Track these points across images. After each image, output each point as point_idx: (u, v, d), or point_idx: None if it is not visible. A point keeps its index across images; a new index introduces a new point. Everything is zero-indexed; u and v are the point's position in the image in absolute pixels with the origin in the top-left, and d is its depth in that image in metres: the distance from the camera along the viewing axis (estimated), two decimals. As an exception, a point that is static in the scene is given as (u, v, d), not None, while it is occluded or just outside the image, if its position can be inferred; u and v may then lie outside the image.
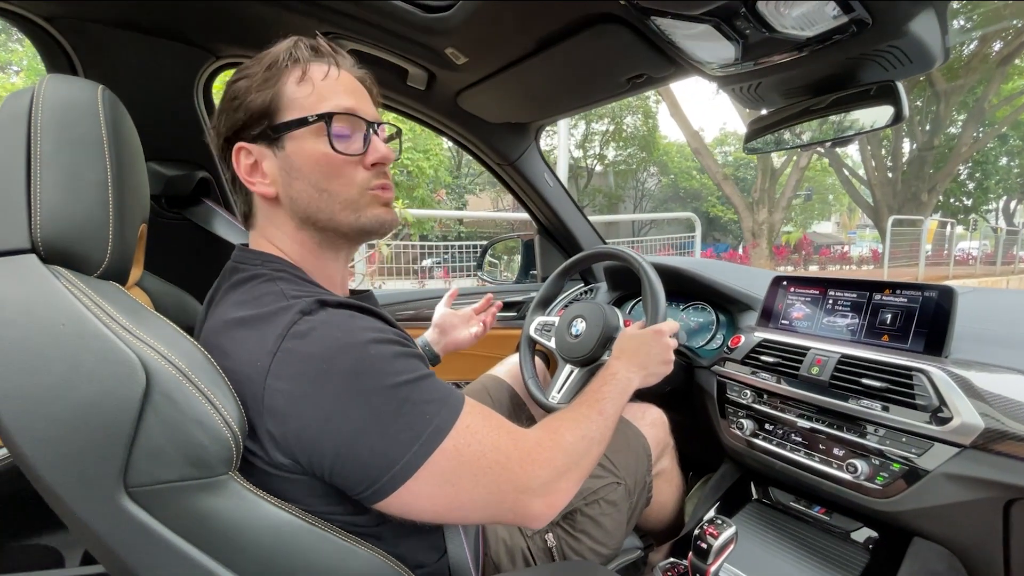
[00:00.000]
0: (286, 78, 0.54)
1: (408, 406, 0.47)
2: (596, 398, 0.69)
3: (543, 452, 0.54)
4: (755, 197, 11.44)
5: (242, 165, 0.56)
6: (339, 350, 0.46)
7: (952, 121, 11.93)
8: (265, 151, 0.55)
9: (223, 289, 0.56)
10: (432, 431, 0.47)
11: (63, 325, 0.41)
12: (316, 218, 0.57)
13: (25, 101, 0.48)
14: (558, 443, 0.57)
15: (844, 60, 0.80)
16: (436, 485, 0.47)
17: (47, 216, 0.46)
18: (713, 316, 1.21)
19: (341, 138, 0.55)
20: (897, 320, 0.86)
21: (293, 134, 0.55)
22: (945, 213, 14.18)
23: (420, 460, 0.46)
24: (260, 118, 0.54)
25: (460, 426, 0.49)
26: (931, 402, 0.74)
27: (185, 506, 0.42)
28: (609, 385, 0.72)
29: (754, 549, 0.89)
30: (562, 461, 0.56)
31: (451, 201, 13.17)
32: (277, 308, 0.49)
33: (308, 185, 0.55)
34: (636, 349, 0.80)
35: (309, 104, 0.54)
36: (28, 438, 0.40)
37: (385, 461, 0.45)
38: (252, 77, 0.54)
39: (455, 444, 0.48)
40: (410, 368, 0.49)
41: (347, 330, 0.48)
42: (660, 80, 1.03)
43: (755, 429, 0.97)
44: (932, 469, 0.73)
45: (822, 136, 0.93)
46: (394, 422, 0.46)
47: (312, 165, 0.55)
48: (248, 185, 0.56)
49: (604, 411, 0.67)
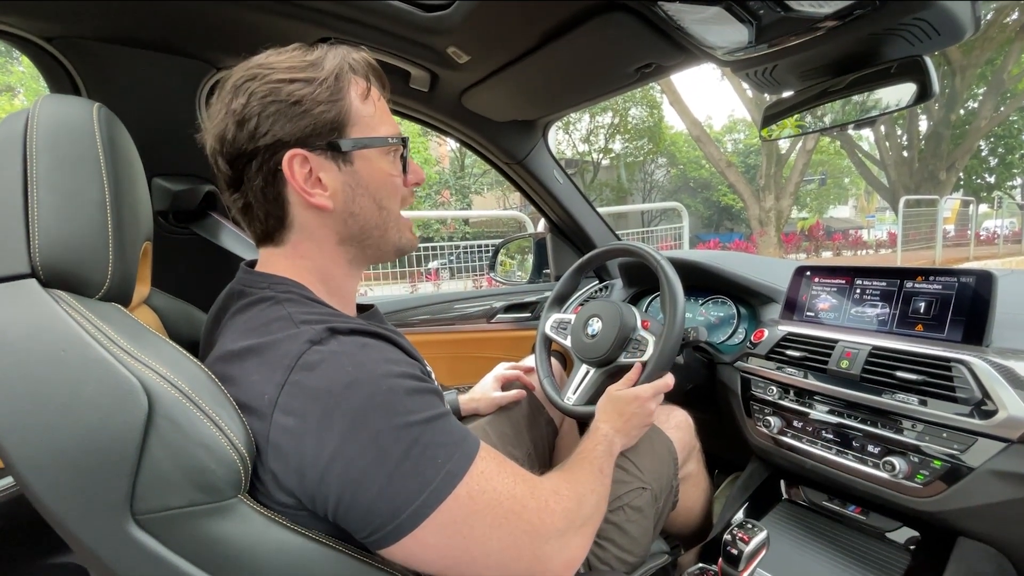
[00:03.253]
0: (351, 91, 0.54)
1: (418, 449, 0.44)
2: (592, 456, 0.69)
3: (561, 501, 0.53)
4: (761, 184, 11.24)
5: (297, 174, 0.52)
6: (348, 385, 0.44)
7: (971, 95, 11.59)
8: (326, 163, 0.53)
9: (229, 312, 0.54)
10: (444, 476, 0.44)
11: (64, 351, 0.40)
12: (370, 234, 0.57)
13: (21, 122, 0.47)
14: (575, 492, 0.56)
15: (866, 36, 0.76)
16: (446, 535, 0.44)
17: (45, 239, 0.44)
18: (734, 310, 1.17)
19: (397, 161, 0.58)
20: (932, 308, 0.81)
21: (364, 152, 0.55)
22: (967, 191, 13.82)
23: (430, 508, 0.43)
24: (330, 130, 0.52)
25: (474, 471, 0.46)
26: (973, 395, 0.70)
27: (194, 532, 0.41)
28: (601, 446, 0.73)
29: (787, 551, 0.86)
30: (578, 513, 0.54)
31: (456, 202, 13.19)
32: (285, 336, 0.46)
33: (372, 202, 0.56)
34: (619, 412, 0.82)
35: (373, 124, 0.55)
36: (31, 467, 0.38)
37: (391, 507, 0.43)
38: (316, 84, 0.51)
39: (468, 491, 0.45)
40: (424, 406, 0.46)
41: (358, 363, 0.45)
42: (670, 68, 1.00)
43: (783, 426, 0.94)
44: (977, 466, 0.69)
45: (844, 118, 0.89)
46: (402, 465, 0.43)
47: (379, 184, 0.56)
48: (304, 195, 0.52)
49: (603, 470, 0.68)
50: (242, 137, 0.51)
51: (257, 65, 0.52)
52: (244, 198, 0.54)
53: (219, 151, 0.53)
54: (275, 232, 0.56)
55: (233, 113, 0.51)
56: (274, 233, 0.56)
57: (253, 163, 0.52)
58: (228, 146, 0.52)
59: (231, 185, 0.55)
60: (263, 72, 0.51)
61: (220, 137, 0.52)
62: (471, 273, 6.26)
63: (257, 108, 0.50)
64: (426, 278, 6.62)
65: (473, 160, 13.69)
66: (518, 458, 0.95)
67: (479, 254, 6.35)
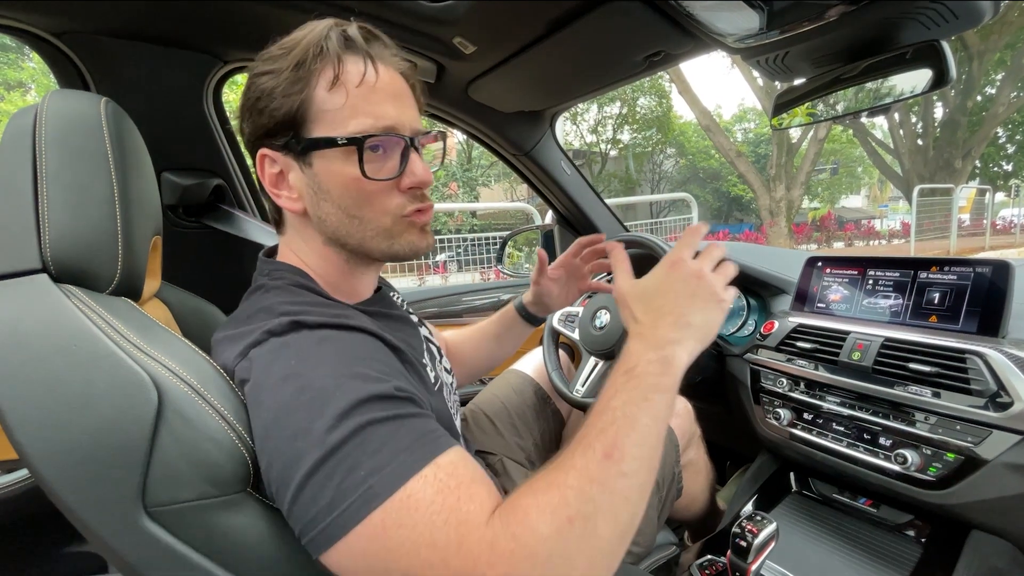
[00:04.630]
0: (317, 80, 0.48)
1: (338, 457, 0.37)
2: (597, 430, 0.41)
3: (499, 561, 0.35)
4: (771, 173, 11.09)
5: (266, 174, 0.51)
6: (283, 378, 0.40)
7: (988, 81, 11.31)
8: (292, 163, 0.50)
9: (242, 301, 0.55)
10: (362, 495, 0.36)
11: (75, 346, 0.41)
12: (345, 241, 0.53)
13: (29, 118, 0.47)
14: (524, 543, 0.35)
15: (880, 21, 0.74)
16: (363, 568, 0.37)
17: (56, 235, 0.45)
18: (743, 301, 1.16)
19: (375, 162, 0.49)
20: (946, 299, 0.80)
21: (324, 152, 0.49)
22: (983, 180, 13.52)
23: (341, 529, 0.36)
24: (286, 127, 0.48)
25: (400, 495, 0.36)
26: (988, 387, 0.69)
27: (205, 524, 0.41)
28: (623, 396, 0.43)
29: (797, 544, 0.85)
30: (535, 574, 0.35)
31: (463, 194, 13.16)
32: (255, 326, 0.46)
33: (337, 209, 0.50)
34: (657, 302, 0.50)
35: (341, 118, 0.48)
36: (46, 461, 0.39)
37: (306, 517, 0.37)
38: (278, 75, 0.48)
39: (383, 519, 0.36)
40: (362, 410, 0.38)
41: (303, 357, 0.42)
42: (679, 56, 0.98)
43: (793, 419, 0.93)
44: (991, 459, 0.68)
45: (858, 105, 0.87)
46: (316, 474, 0.37)
47: (341, 189, 0.49)
48: (273, 197, 0.52)
49: (615, 452, 0.39)
50: (243, 132, 0.53)
51: (259, 55, 0.52)
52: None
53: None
54: (278, 223, 0.57)
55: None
56: (278, 224, 0.58)
57: (253, 158, 0.53)
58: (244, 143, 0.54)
59: None
60: (253, 64, 0.51)
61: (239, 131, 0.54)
62: (479, 266, 6.26)
63: (241, 103, 0.51)
64: (434, 271, 6.64)
65: (480, 152, 13.64)
66: (525, 449, 0.95)
67: (487, 246, 6.34)
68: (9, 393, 0.39)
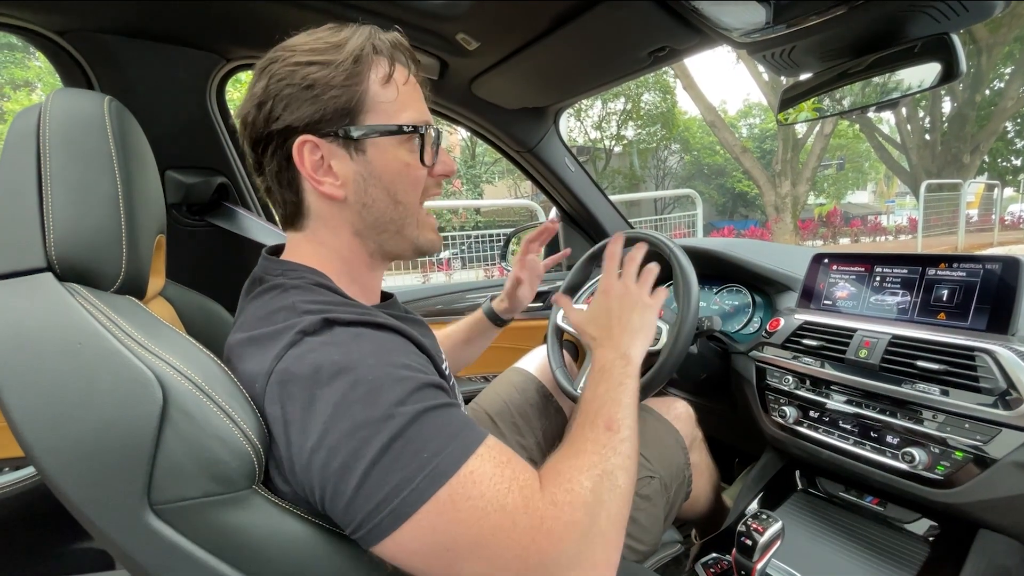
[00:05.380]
0: (370, 75, 0.51)
1: (401, 443, 0.40)
2: (596, 411, 0.53)
3: (560, 513, 0.42)
4: (776, 169, 11.01)
5: (307, 161, 0.51)
6: (332, 375, 0.41)
7: (997, 74, 11.18)
8: (338, 151, 0.51)
9: (247, 300, 0.54)
10: (429, 475, 0.39)
11: (80, 344, 0.41)
12: (385, 228, 0.55)
13: (33, 118, 0.47)
14: (576, 495, 0.44)
15: (889, 14, 0.73)
16: (429, 545, 0.39)
17: (60, 233, 0.45)
18: (749, 298, 1.15)
19: (423, 151, 0.55)
20: (955, 296, 0.79)
21: (378, 140, 0.52)
22: (992, 175, 13.37)
23: (411, 508, 0.38)
24: (341, 116, 0.50)
25: (464, 472, 0.40)
26: (997, 384, 0.68)
27: (210, 522, 0.41)
28: (604, 385, 0.57)
29: (802, 542, 0.85)
30: (592, 522, 0.43)
31: (467, 192, 13.15)
32: (284, 326, 0.46)
33: (385, 194, 0.53)
34: (603, 321, 0.66)
35: (393, 111, 0.52)
36: (51, 459, 0.39)
37: (369, 505, 0.39)
38: (332, 67, 0.49)
39: (451, 494, 0.39)
40: (416, 398, 0.42)
41: (346, 351, 0.43)
42: (684, 52, 0.98)
43: (798, 417, 0.92)
44: (1000, 457, 0.67)
45: (864, 100, 0.86)
46: (382, 461, 0.39)
47: (394, 175, 0.53)
48: (314, 184, 0.52)
49: (614, 424, 0.52)
50: (260, 120, 0.51)
51: (283, 46, 0.51)
52: (266, 182, 0.55)
53: (243, 134, 0.53)
54: (294, 218, 0.56)
55: (254, 96, 0.51)
56: (294, 219, 0.56)
57: (270, 148, 0.52)
58: (250, 129, 0.52)
59: (256, 169, 0.55)
60: (285, 54, 0.50)
61: (243, 120, 0.52)
62: (483, 263, 6.26)
63: (274, 91, 0.50)
64: (438, 268, 6.64)
65: (484, 149, 13.61)
66: (527, 447, 0.95)
67: (491, 244, 6.34)
68: (15, 391, 0.39)
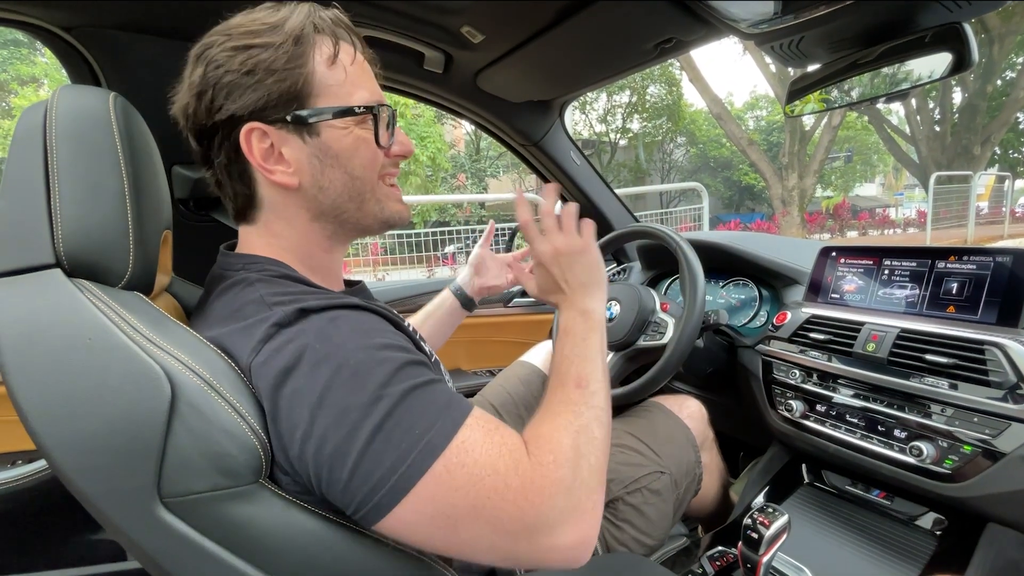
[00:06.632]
0: (314, 55, 0.49)
1: (392, 421, 0.40)
2: (565, 371, 0.54)
3: (547, 472, 0.44)
4: (784, 162, 10.91)
5: (256, 149, 0.49)
6: (314, 363, 0.41)
7: (1009, 64, 11.00)
8: (288, 136, 0.49)
9: (210, 298, 0.53)
10: (423, 449, 0.40)
11: (89, 340, 0.41)
12: (344, 208, 0.53)
13: (40, 114, 0.48)
14: (559, 453, 0.45)
15: (899, 3, 0.72)
16: (429, 516, 0.41)
17: (68, 230, 0.45)
18: (755, 292, 1.15)
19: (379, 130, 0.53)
20: (965, 289, 0.78)
21: (333, 122, 0.50)
22: (1003, 166, 13.20)
23: (409, 481, 0.40)
24: (288, 101, 0.48)
25: (455, 443, 0.41)
26: (1007, 378, 0.68)
27: (219, 515, 0.42)
28: (570, 345, 0.56)
29: (809, 536, 0.85)
30: (574, 480, 0.45)
31: (472, 186, 13.13)
32: (256, 320, 0.45)
33: (343, 173, 0.52)
34: (553, 286, 0.63)
35: (344, 93, 0.50)
36: (63, 453, 0.40)
37: (368, 484, 0.40)
38: (272, 49, 0.47)
39: (446, 464, 0.40)
40: (400, 377, 0.42)
41: (325, 338, 0.43)
42: (691, 43, 0.97)
43: (805, 410, 0.92)
44: (1010, 451, 0.67)
45: (874, 91, 0.85)
46: (375, 440, 0.40)
47: (350, 153, 0.52)
48: (265, 173, 0.50)
49: (583, 381, 0.52)
50: (201, 111, 0.49)
51: (218, 30, 0.50)
52: (215, 176, 0.53)
53: (185, 126, 0.51)
54: (247, 210, 0.54)
55: (192, 85, 0.49)
56: (246, 211, 0.54)
57: (215, 139, 0.50)
58: (191, 121, 0.50)
59: (203, 162, 0.53)
60: (221, 38, 0.49)
61: (183, 111, 0.50)
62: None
63: (213, 78, 0.48)
64: (443, 263, 6.64)
65: (488, 143, 13.56)
66: None
67: (496, 237, 6.33)
68: (26, 386, 0.40)
